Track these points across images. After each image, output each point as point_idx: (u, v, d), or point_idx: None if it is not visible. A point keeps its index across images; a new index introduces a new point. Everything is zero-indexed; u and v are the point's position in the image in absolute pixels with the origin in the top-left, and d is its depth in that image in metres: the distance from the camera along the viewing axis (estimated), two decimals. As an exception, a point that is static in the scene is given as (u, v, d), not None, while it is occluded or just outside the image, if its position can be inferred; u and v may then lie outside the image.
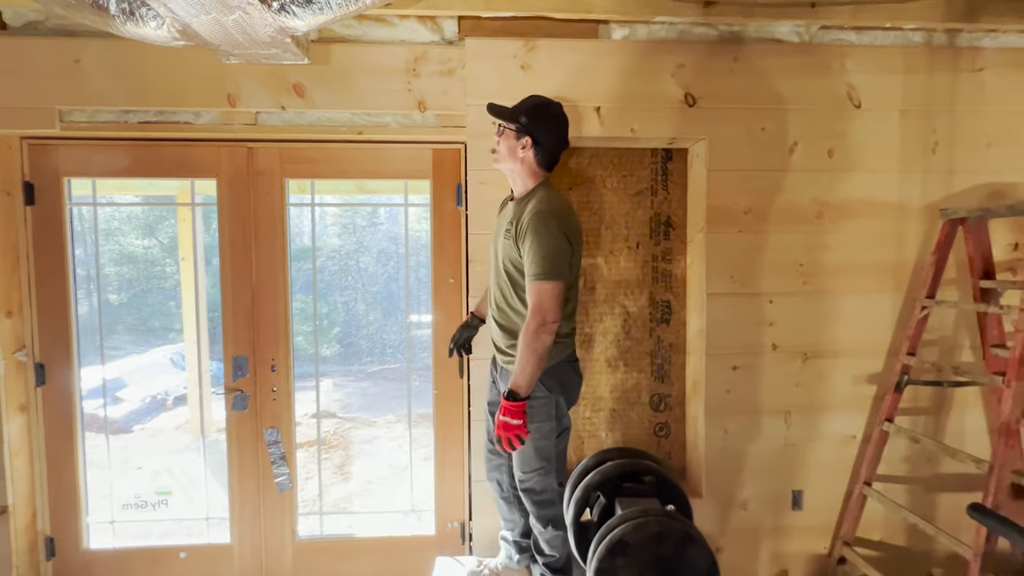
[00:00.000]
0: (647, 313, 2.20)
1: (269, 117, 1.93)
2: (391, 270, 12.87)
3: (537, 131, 1.57)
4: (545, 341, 1.48)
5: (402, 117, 1.96)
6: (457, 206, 2.05)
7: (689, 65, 1.97)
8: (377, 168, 2.03)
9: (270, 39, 1.50)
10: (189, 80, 1.87)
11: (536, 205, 1.54)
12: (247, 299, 2.01)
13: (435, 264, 2.07)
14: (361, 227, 12.25)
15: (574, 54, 1.95)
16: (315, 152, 2.01)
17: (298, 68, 1.88)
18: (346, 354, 11.37)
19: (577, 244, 1.58)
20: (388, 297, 13.06)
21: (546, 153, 1.60)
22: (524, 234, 1.52)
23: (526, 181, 1.62)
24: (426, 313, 5.41)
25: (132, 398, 6.34)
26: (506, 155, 1.62)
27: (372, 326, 12.08)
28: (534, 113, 1.58)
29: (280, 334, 2.03)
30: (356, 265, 12.75)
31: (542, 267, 1.48)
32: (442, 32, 1.93)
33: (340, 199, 4.03)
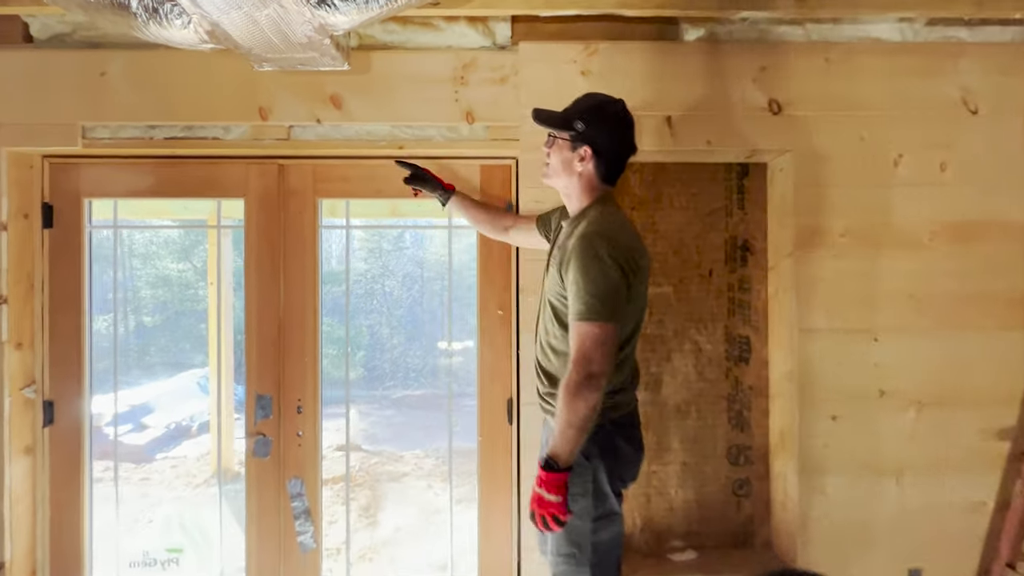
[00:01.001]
0: (722, 351, 1.91)
1: (303, 131, 1.76)
2: (415, 294, 12.87)
3: (597, 138, 1.30)
4: (590, 399, 1.16)
5: (448, 130, 1.76)
6: (507, 227, 1.82)
7: (773, 68, 1.73)
8: (418, 187, 1.82)
9: (307, 40, 1.32)
10: (219, 92, 1.71)
11: (586, 226, 1.27)
12: (273, 331, 1.80)
13: (481, 293, 1.83)
14: (387, 251, 12.33)
15: (641, 58, 1.73)
16: (351, 169, 1.82)
17: (336, 77, 1.71)
18: (370, 377, 11.31)
19: (637, 275, 1.26)
20: (412, 321, 13.06)
21: (609, 163, 1.32)
22: (568, 261, 1.24)
23: (581, 197, 1.35)
24: (456, 340, 4.98)
25: (158, 424, 6.26)
26: (560, 169, 1.35)
27: (396, 350, 12.06)
28: (593, 116, 1.30)
29: (308, 372, 1.81)
30: (381, 289, 12.83)
31: (587, 304, 1.18)
32: (493, 36, 1.74)
33: (374, 222, 3.87)
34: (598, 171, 1.32)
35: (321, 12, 1.21)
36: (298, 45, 1.35)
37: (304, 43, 1.33)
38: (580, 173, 1.33)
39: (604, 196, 1.35)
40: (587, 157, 1.31)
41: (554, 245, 1.42)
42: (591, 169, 1.32)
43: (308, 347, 1.81)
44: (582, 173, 1.33)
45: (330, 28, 1.28)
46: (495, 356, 1.83)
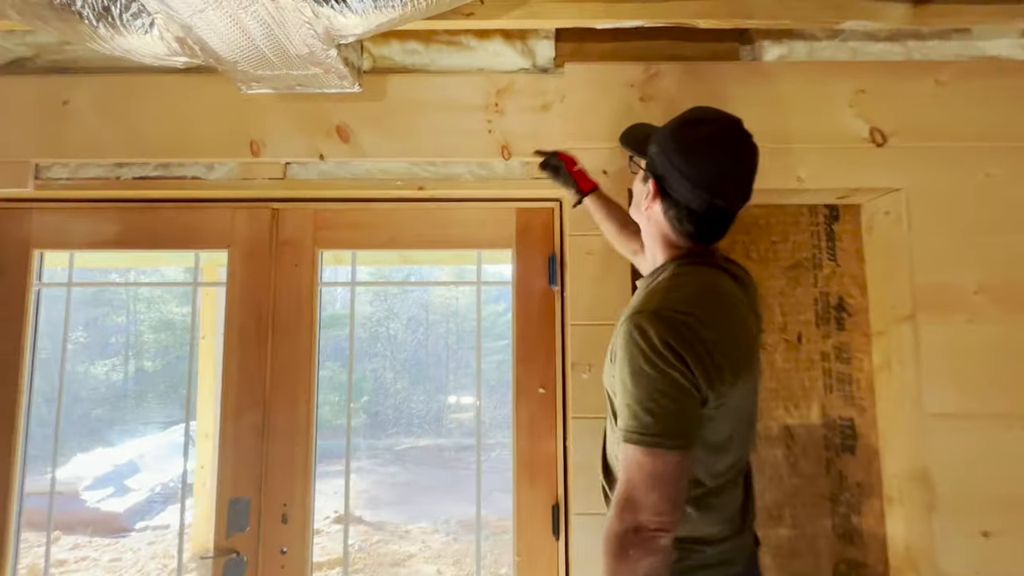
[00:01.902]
0: (820, 436, 1.52)
1: (302, 169, 1.45)
2: (420, 337, 12.54)
3: (666, 171, 0.88)
4: (641, 565, 0.77)
5: (479, 167, 1.45)
6: (550, 285, 1.47)
7: (873, 92, 1.42)
8: (440, 235, 1.50)
9: (308, 51, 1.02)
10: (201, 123, 1.42)
11: (644, 299, 0.88)
12: (256, 417, 1.43)
13: (518, 367, 1.46)
14: (393, 294, 12.06)
15: (712, 80, 1.43)
16: (359, 214, 1.50)
17: (343, 104, 1.42)
18: (373, 424, 10.80)
19: (720, 376, 0.81)
20: (416, 365, 12.67)
21: (689, 212, 0.88)
22: (615, 351, 0.88)
23: (655, 251, 0.96)
24: (465, 394, 4.43)
25: (142, 487, 5.74)
26: (635, 204, 1.00)
27: (400, 395, 11.60)
28: (668, 138, 0.89)
29: (298, 467, 1.42)
30: (386, 332, 12.50)
31: (635, 419, 0.80)
32: (534, 56, 1.45)
33: (384, 271, 3.54)
34: (670, 219, 0.90)
35: (327, 11, 0.91)
36: (296, 58, 1.04)
37: (304, 55, 1.02)
38: (648, 216, 0.95)
39: (686, 257, 0.92)
40: (652, 196, 0.91)
41: None
42: (659, 214, 0.92)
43: (300, 438, 1.43)
44: (650, 216, 0.95)
45: (337, 34, 0.97)
46: (533, 446, 1.44)
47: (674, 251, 0.94)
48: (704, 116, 0.91)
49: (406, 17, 0.98)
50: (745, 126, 0.91)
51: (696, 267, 0.92)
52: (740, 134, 0.88)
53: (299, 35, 0.96)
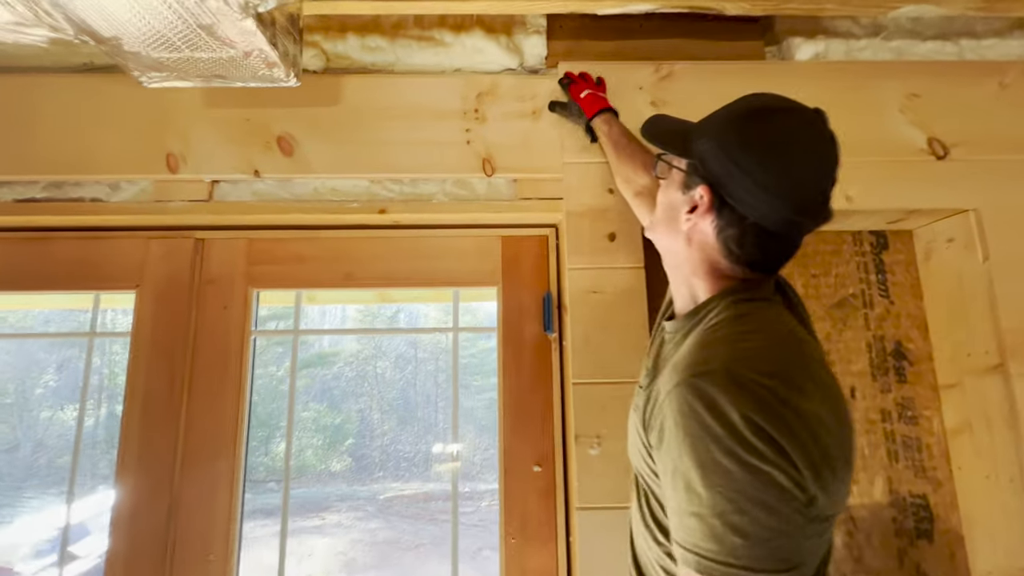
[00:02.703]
0: (887, 519, 1.20)
1: (233, 189, 1.16)
2: (408, 375, 12.10)
3: (728, 175, 0.63)
4: None
5: (454, 185, 1.17)
6: (545, 331, 1.17)
7: (928, 95, 1.19)
8: (408, 270, 1.20)
9: (212, 19, 0.74)
10: (105, 132, 1.13)
11: (698, 354, 0.62)
12: (158, 519, 1.08)
13: (505, 437, 1.13)
14: (380, 329, 11.64)
15: (734, 82, 1.19)
16: (305, 245, 1.20)
17: (287, 111, 1.14)
18: (357, 468, 10.17)
19: (832, 463, 0.55)
20: (404, 404, 12.19)
21: (755, 229, 0.63)
22: (660, 427, 0.61)
23: (693, 283, 0.70)
24: (453, 442, 3.94)
25: (90, 553, 5.12)
26: (662, 219, 0.73)
27: (387, 436, 11.06)
28: (730, 131, 0.64)
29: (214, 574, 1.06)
30: (373, 370, 12.03)
31: (717, 538, 0.52)
32: (521, 55, 1.20)
33: (373, 309, 3.22)
34: (725, 240, 0.64)
35: None
36: (200, 33, 0.77)
37: (208, 25, 0.75)
38: (688, 234, 0.68)
39: (743, 289, 0.66)
40: (705, 206, 0.65)
41: (650, 356, 0.77)
42: (709, 232, 0.65)
43: (220, 546, 1.07)
44: (691, 234, 0.68)
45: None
46: (526, 545, 1.10)
47: (723, 283, 0.67)
48: (775, 104, 0.65)
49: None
50: None
51: (757, 305, 0.65)
52: (826, 130, 0.63)
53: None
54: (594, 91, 1.09)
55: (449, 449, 10.25)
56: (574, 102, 1.10)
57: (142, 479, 1.08)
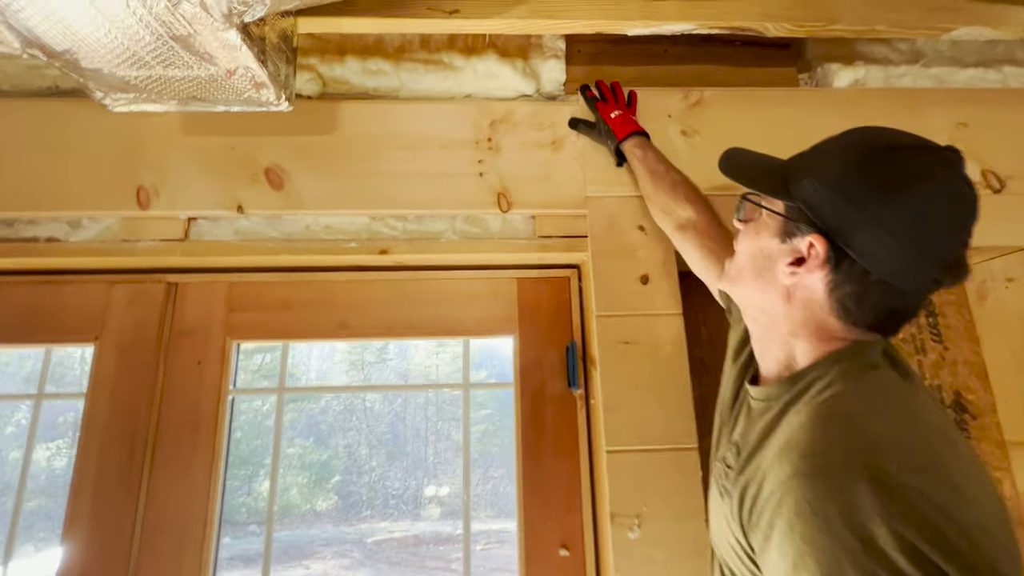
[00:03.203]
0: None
1: (213, 227, 1.01)
2: (398, 408, 11.85)
3: (850, 223, 0.52)
4: None
5: (465, 222, 1.04)
6: (570, 388, 1.02)
7: (977, 124, 1.10)
8: (411, 317, 1.05)
9: (188, 29, 0.62)
10: (67, 163, 0.99)
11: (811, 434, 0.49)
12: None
13: (525, 513, 0.97)
14: (370, 363, 11.42)
15: (770, 110, 1.09)
16: (294, 289, 1.05)
17: (277, 140, 1.02)
18: (344, 507, 9.79)
19: None
20: (393, 438, 11.91)
21: (880, 287, 0.52)
22: (765, 525, 0.49)
23: (791, 344, 0.58)
24: (445, 472, 3.86)
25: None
26: (748, 269, 0.62)
27: (375, 472, 10.72)
28: (851, 171, 0.54)
29: None
30: (362, 404, 11.78)
31: None
32: (538, 80, 1.10)
33: (371, 345, 3.02)
34: (840, 298, 0.54)
35: None
36: (174, 46, 0.64)
37: (183, 36, 0.62)
38: (789, 291, 0.57)
39: (855, 352, 0.54)
40: (815, 261, 0.54)
41: (733, 426, 0.64)
42: (819, 289, 0.55)
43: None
44: (793, 291, 0.57)
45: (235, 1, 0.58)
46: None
47: (830, 346, 0.56)
48: (902, 141, 0.55)
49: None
50: None
51: (877, 376, 0.53)
52: (964, 171, 0.53)
53: (166, 1, 0.56)
54: (625, 112, 0.99)
55: (444, 484, 9.86)
56: (603, 121, 0.99)
57: (91, 568, 0.90)
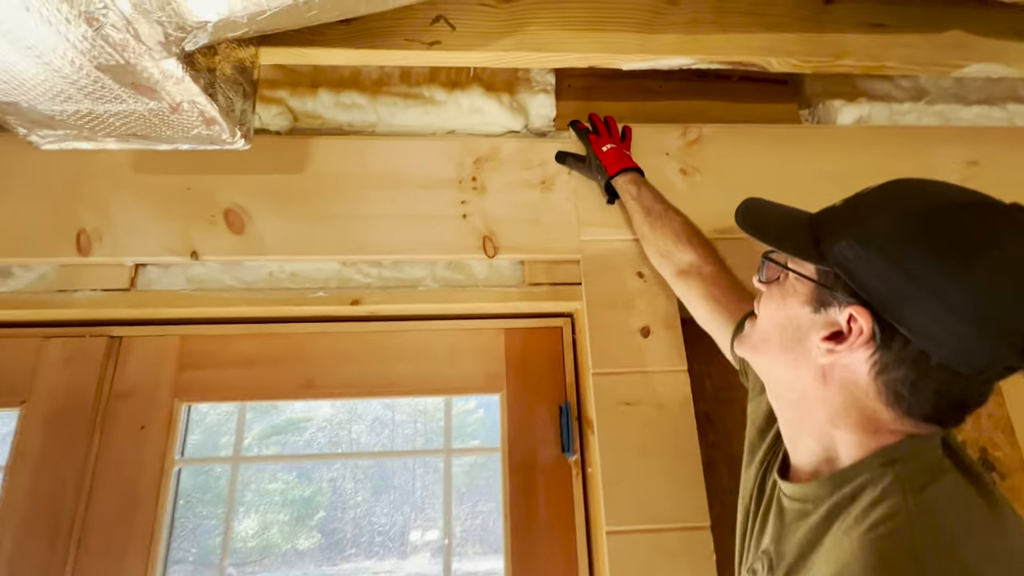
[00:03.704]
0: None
1: (163, 275, 0.91)
2: (385, 439, 11.51)
3: (906, 292, 0.42)
4: None
5: (447, 268, 0.94)
6: (564, 454, 0.91)
7: (988, 163, 1.05)
8: (386, 374, 0.94)
9: (119, 59, 0.53)
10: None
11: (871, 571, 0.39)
12: None
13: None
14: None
15: (772, 147, 1.03)
16: (254, 343, 0.94)
17: (238, 179, 0.92)
18: (327, 545, 9.30)
19: None
20: (380, 472, 11.51)
21: (940, 372, 0.42)
22: None
23: (830, 435, 0.48)
24: (433, 506, 3.41)
25: None
26: (774, 340, 0.52)
27: (360, 508, 10.29)
28: (898, 232, 0.44)
29: None
30: (348, 435, 11.44)
31: None
32: (526, 115, 1.02)
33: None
34: (887, 382, 0.44)
35: None
36: (104, 77, 0.55)
37: (116, 67, 0.53)
38: (826, 370, 0.47)
39: (912, 450, 0.44)
40: (858, 339, 0.44)
41: (763, 528, 0.53)
42: (862, 371, 0.45)
43: None
44: (830, 371, 0.47)
45: (174, 23, 0.50)
46: None
47: (879, 439, 0.46)
48: (958, 197, 0.45)
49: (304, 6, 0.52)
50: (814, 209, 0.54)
51: (940, 485, 0.43)
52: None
53: (86, 26, 0.48)
54: (618, 146, 0.92)
55: (428, 533, 9.57)
56: (594, 155, 0.92)
57: None
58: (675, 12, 0.86)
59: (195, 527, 1.00)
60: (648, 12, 0.85)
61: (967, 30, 0.89)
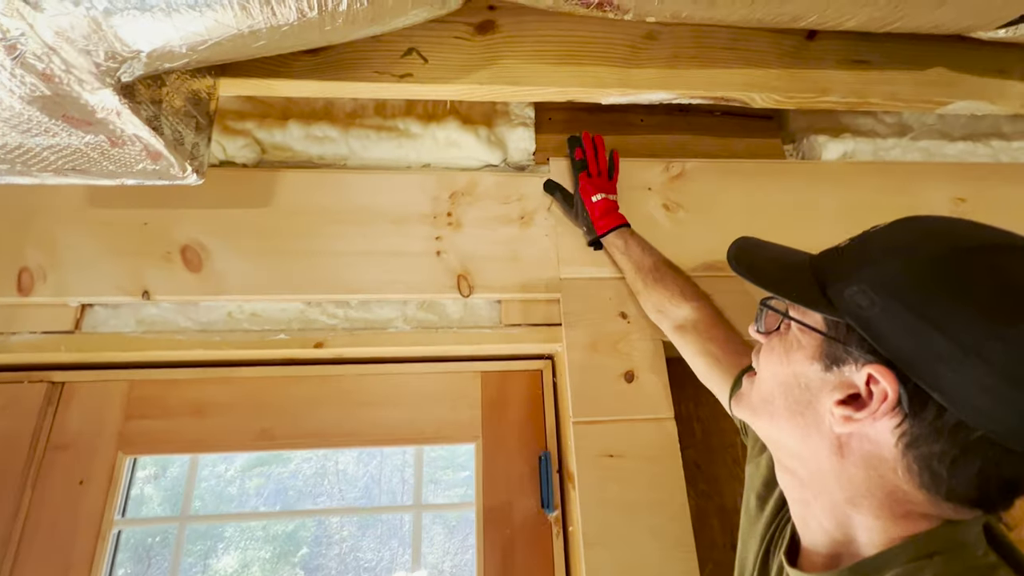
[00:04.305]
0: None
1: (111, 316, 0.84)
2: (373, 470, 11.15)
3: (940, 350, 0.36)
4: None
5: (420, 308, 0.89)
6: (543, 509, 0.84)
7: (975, 200, 1.03)
8: (352, 423, 0.88)
9: (43, 90, 0.48)
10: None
11: None
12: None
13: None
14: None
15: (756, 182, 1.00)
16: (208, 389, 0.87)
17: (197, 214, 0.87)
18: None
19: None
20: (368, 503, 11.11)
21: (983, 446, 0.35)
22: None
23: (849, 517, 0.42)
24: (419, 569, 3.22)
25: None
26: (779, 401, 0.45)
27: (346, 543, 9.87)
28: (927, 278, 0.38)
29: None
30: (335, 466, 11.08)
31: None
32: (504, 149, 0.99)
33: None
34: (918, 458, 0.37)
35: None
36: (31, 108, 0.50)
37: (43, 99, 0.49)
38: (842, 441, 0.41)
39: (951, 541, 0.37)
40: (881, 405, 0.38)
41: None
42: (886, 443, 0.38)
43: None
44: (847, 442, 0.40)
45: (107, 50, 0.45)
46: None
47: (909, 525, 0.39)
48: (988, 239, 0.40)
49: (249, 36, 0.48)
50: (813, 248, 0.50)
51: None
52: None
53: (4, 54, 0.43)
54: (607, 192, 0.88)
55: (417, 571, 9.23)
56: (582, 203, 0.88)
57: None
58: (655, 46, 0.84)
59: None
60: (627, 47, 0.83)
61: (950, 67, 0.88)
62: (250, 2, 0.45)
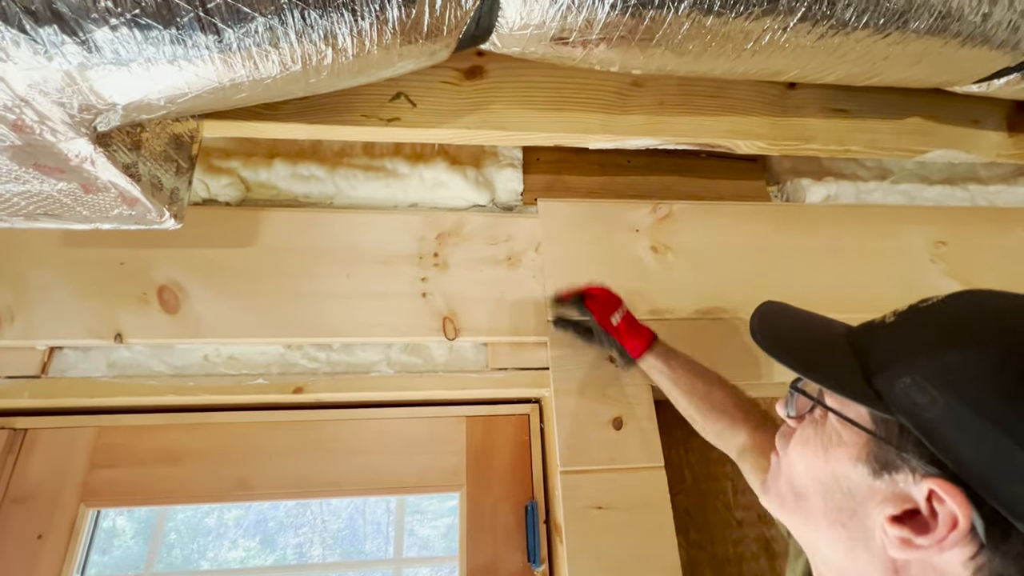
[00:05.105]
0: None
1: (81, 360, 0.81)
2: (358, 500, 10.76)
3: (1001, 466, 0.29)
4: None
5: (404, 351, 0.87)
6: (529, 564, 0.81)
7: (956, 243, 1.05)
8: (331, 472, 0.84)
9: (13, 139, 0.47)
10: None
11: None
12: None
13: None
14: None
15: (743, 225, 1.01)
16: (181, 435, 0.83)
17: (176, 253, 0.85)
18: None
19: None
20: (352, 535, 10.69)
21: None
22: None
23: None
24: None
25: None
26: (815, 501, 0.38)
27: (329, 574, 9.42)
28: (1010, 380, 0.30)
29: None
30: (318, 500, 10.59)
31: None
32: (492, 190, 0.99)
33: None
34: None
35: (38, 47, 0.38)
36: (4, 158, 0.49)
37: (10, 146, 0.47)
38: (899, 565, 0.33)
39: None
40: (951, 533, 0.30)
41: None
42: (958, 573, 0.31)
43: None
44: (905, 570, 0.33)
45: (82, 103, 0.44)
46: None
47: None
48: None
49: (230, 93, 0.47)
50: (785, 288, 0.58)
51: None
52: None
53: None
54: (617, 307, 0.77)
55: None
56: (604, 332, 0.77)
57: None
58: (642, 94, 0.85)
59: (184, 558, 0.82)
60: (614, 94, 0.84)
61: (926, 117, 0.90)
62: (232, 56, 0.44)
